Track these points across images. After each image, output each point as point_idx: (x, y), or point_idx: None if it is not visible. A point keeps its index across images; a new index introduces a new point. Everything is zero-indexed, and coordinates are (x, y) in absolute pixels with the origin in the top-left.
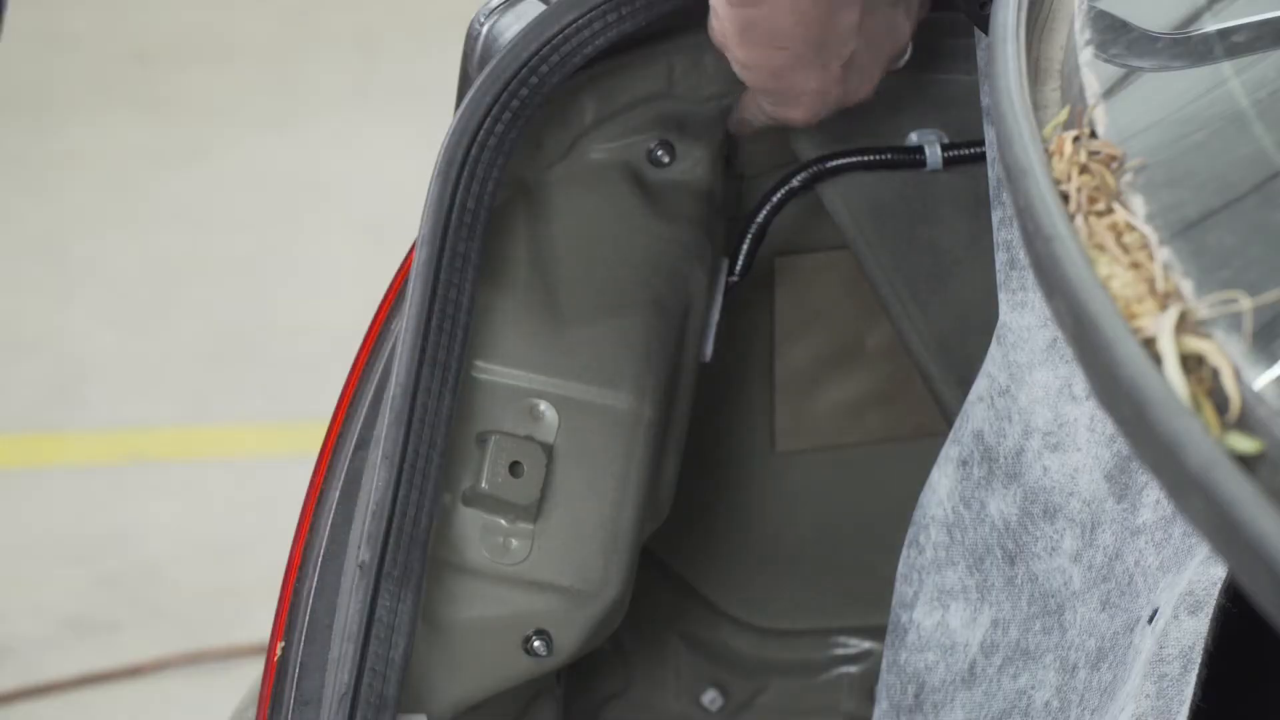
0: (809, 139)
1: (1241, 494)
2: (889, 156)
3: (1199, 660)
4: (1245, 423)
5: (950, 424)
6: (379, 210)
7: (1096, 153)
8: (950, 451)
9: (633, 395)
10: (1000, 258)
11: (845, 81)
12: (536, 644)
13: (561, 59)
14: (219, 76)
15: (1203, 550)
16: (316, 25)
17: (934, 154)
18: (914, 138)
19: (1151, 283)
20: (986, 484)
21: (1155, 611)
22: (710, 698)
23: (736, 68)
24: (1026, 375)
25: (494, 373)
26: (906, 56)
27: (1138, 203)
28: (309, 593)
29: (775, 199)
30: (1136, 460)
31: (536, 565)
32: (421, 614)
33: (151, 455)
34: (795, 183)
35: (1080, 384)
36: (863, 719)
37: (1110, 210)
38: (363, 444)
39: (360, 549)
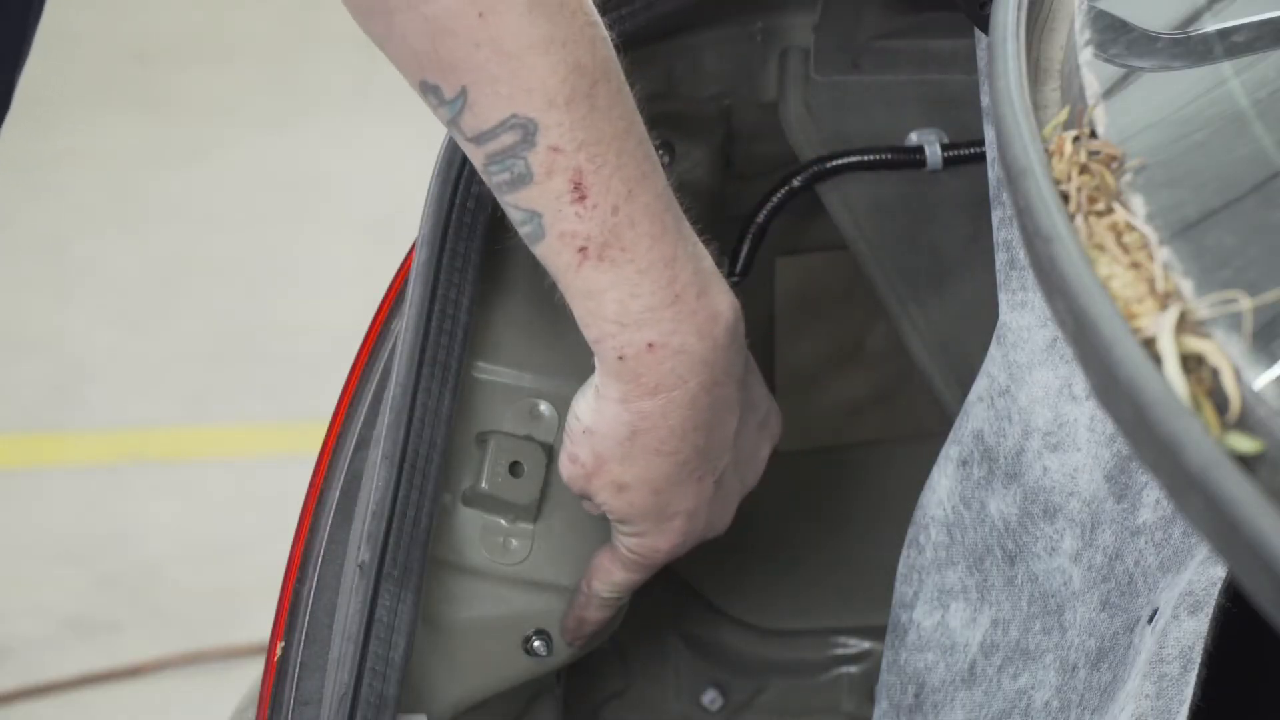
0: (808, 139)
1: (1241, 494)
2: (889, 156)
3: (1199, 660)
4: (1245, 423)
5: (950, 424)
6: (379, 210)
7: (1096, 153)
8: (950, 451)
9: None
10: (1000, 258)
11: (711, 505)
12: (536, 644)
13: None
14: (219, 76)
15: (1203, 550)
16: (316, 25)
17: (934, 154)
18: (914, 138)
19: (1151, 283)
20: (986, 484)
21: (1155, 611)
22: (710, 698)
23: (604, 498)
24: (1026, 375)
25: (494, 373)
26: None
27: (1138, 203)
28: (309, 593)
29: (775, 199)
30: (1136, 460)
31: (536, 565)
32: (421, 614)
33: (151, 455)
34: (795, 183)
35: (1080, 384)
36: (863, 719)
37: (1110, 210)
38: (363, 444)
39: (360, 549)
